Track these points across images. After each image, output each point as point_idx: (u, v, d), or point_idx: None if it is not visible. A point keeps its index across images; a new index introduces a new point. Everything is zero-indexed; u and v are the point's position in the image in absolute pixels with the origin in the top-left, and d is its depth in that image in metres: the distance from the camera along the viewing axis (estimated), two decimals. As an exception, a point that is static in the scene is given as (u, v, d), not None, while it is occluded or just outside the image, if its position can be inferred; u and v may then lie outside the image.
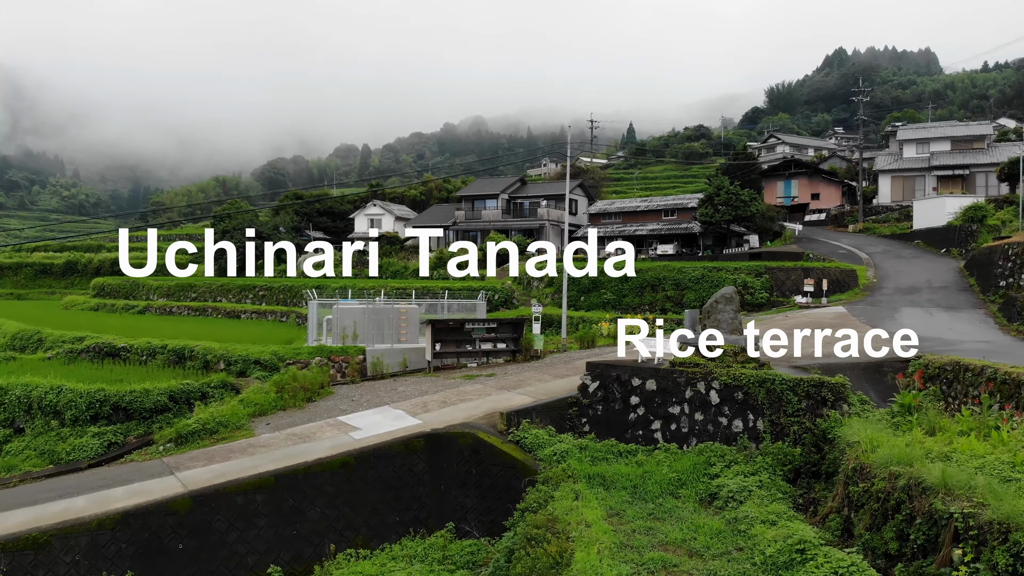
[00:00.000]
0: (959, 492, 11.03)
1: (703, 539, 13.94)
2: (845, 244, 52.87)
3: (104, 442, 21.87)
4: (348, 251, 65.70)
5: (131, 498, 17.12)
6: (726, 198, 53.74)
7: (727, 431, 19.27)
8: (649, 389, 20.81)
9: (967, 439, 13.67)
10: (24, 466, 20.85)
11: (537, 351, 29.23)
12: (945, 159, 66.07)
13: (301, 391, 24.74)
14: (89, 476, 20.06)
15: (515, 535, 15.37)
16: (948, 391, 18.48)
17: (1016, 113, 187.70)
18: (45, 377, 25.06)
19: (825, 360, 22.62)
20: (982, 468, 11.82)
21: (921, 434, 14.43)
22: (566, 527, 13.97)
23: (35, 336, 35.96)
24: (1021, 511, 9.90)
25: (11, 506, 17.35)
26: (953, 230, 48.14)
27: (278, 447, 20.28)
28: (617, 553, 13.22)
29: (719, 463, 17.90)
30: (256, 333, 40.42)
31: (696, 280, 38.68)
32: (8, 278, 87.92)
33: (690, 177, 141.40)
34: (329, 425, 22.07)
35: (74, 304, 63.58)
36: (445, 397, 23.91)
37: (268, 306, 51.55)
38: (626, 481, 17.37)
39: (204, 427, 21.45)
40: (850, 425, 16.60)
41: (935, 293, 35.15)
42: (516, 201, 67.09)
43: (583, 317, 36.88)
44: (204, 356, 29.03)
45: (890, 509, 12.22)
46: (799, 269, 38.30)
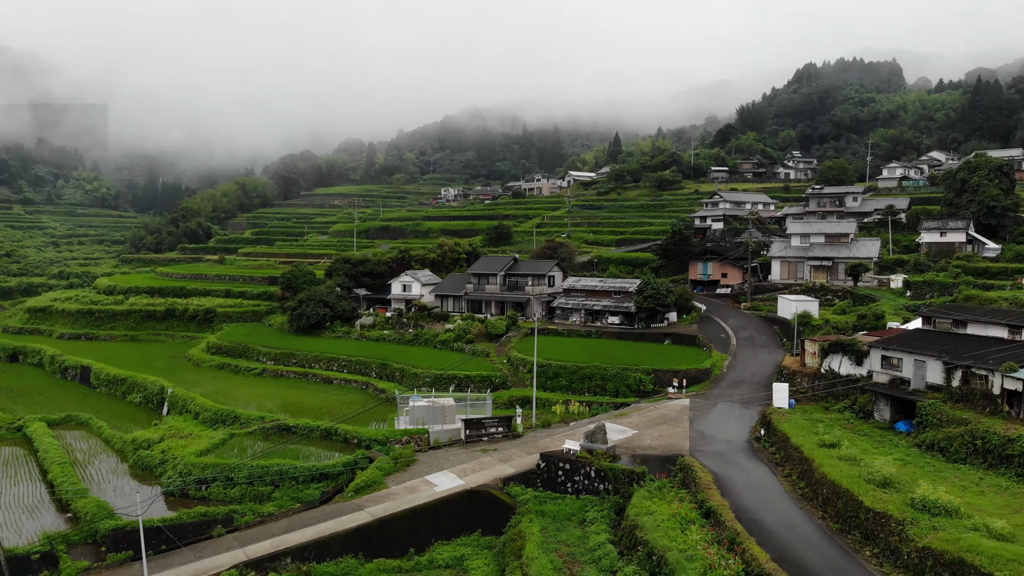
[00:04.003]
0: (643, 527, 37.07)
1: (575, 541, 40.09)
2: (729, 326, 78.40)
3: (319, 491, 47.91)
4: (389, 312, 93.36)
5: (351, 522, 43.24)
6: (651, 292, 79.47)
7: (596, 489, 45.47)
8: (566, 467, 46.99)
9: (664, 504, 39.78)
10: (287, 504, 46.81)
11: (519, 433, 55.37)
12: (818, 251, 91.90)
13: (403, 460, 50.85)
14: (321, 511, 45.98)
15: (506, 536, 41.57)
16: (685, 478, 44.32)
17: (957, 136, 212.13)
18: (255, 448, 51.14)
19: (649, 451, 48.61)
20: (662, 521, 37.80)
21: (654, 504, 40.47)
22: (524, 533, 40.14)
23: (231, 413, 61.78)
24: (674, 544, 36.00)
25: (303, 524, 43.48)
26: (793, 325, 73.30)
27: (401, 496, 46.34)
28: (543, 545, 39.35)
29: (590, 506, 44.05)
30: (352, 400, 66.94)
31: (614, 376, 64.38)
32: (121, 322, 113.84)
33: (660, 206, 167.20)
34: (422, 482, 48.12)
35: (200, 361, 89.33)
36: (473, 466, 49.97)
37: (350, 375, 77.43)
38: (552, 513, 43.56)
39: (366, 483, 47.52)
40: (638, 494, 42.65)
41: (749, 388, 60.41)
42: (511, 278, 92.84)
43: (548, 399, 62.59)
44: (344, 435, 55.14)
45: (633, 541, 38.41)
46: (670, 371, 64.14)
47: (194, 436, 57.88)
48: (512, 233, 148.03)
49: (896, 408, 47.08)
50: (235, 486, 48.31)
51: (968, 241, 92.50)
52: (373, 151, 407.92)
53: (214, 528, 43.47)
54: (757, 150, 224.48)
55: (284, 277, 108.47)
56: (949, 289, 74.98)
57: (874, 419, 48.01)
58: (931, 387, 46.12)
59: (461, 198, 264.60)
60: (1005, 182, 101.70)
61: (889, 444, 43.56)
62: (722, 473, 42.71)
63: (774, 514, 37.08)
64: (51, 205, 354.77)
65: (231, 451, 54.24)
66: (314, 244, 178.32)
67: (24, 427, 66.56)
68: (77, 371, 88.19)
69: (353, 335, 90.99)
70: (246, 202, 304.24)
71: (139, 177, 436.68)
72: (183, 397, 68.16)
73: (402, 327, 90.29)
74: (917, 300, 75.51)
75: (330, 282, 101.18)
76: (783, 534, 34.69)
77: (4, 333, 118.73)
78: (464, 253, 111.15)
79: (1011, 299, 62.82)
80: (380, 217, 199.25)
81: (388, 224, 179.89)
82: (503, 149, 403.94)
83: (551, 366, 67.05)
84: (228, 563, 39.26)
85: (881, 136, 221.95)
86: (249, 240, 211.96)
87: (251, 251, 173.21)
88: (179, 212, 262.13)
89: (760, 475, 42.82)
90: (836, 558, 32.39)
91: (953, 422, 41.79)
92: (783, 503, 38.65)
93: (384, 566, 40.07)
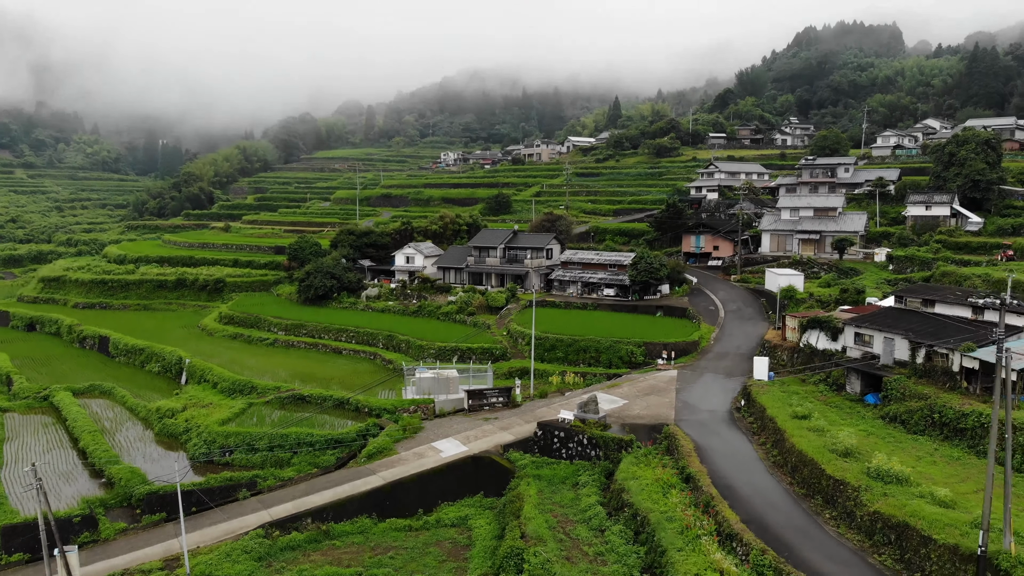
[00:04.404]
0: (629, 490, 41.19)
1: (568, 502, 44.27)
2: (718, 299, 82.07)
3: (335, 456, 52.04)
4: (393, 284, 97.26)
5: (365, 486, 47.41)
6: (645, 266, 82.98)
7: (588, 456, 49.59)
8: (561, 435, 51.06)
9: (648, 470, 43.88)
10: (305, 470, 50.95)
11: (518, 403, 59.38)
12: (807, 224, 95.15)
13: (411, 428, 54.93)
14: (337, 475, 50.10)
15: (506, 498, 45.77)
16: (669, 446, 48.34)
17: (954, 103, 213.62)
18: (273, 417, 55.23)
19: (637, 420, 52.60)
20: (646, 485, 41.89)
21: (639, 469, 44.57)
22: (522, 495, 44.31)
23: (248, 384, 65.77)
24: (648, 494, 40.14)
25: (321, 488, 47.62)
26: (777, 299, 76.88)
27: (410, 461, 50.46)
28: (539, 506, 43.53)
29: (582, 471, 48.20)
30: (361, 370, 71.04)
31: (607, 348, 68.12)
32: (133, 291, 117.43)
33: (658, 173, 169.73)
34: (429, 448, 52.21)
35: (213, 331, 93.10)
36: (475, 433, 54.04)
37: (358, 345, 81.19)
38: (548, 476, 47.73)
39: (377, 450, 51.62)
40: (626, 460, 46.76)
41: (734, 360, 64.20)
42: (510, 250, 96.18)
43: (545, 370, 66.41)
44: (356, 404, 59.19)
45: (620, 503, 42.58)
46: (660, 344, 67.85)
47: (214, 405, 61.95)
48: (512, 202, 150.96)
49: (866, 382, 50.98)
50: (256, 453, 52.41)
51: (952, 215, 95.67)
52: (372, 114, 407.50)
53: (239, 492, 47.68)
54: (755, 116, 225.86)
55: (291, 248, 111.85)
56: (929, 264, 78.55)
57: (846, 391, 51.95)
58: (898, 363, 49.98)
59: (461, 162, 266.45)
60: (992, 155, 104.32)
61: (856, 416, 47.56)
62: (703, 441, 46.76)
63: (747, 480, 41.18)
64: (53, 169, 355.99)
65: (250, 420, 58.34)
66: (317, 211, 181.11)
67: (51, 396, 70.58)
68: (95, 341, 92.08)
69: (359, 306, 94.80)
70: (247, 166, 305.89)
71: (138, 139, 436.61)
72: (201, 367, 72.10)
73: (406, 298, 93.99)
74: (898, 275, 79.13)
75: (335, 253, 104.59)
76: (753, 498, 38.80)
77: (19, 302, 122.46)
78: (465, 225, 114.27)
79: (984, 276, 66.47)
80: (381, 184, 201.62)
81: (389, 192, 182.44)
82: (503, 112, 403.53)
83: (548, 339, 70.84)
84: (254, 523, 43.49)
85: (879, 102, 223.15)
86: (252, 206, 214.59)
87: (255, 218, 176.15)
88: (181, 177, 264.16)
89: (738, 444, 46.89)
90: (798, 519, 36.52)
91: (915, 396, 45.71)
92: (756, 470, 42.75)
93: (396, 525, 44.26)
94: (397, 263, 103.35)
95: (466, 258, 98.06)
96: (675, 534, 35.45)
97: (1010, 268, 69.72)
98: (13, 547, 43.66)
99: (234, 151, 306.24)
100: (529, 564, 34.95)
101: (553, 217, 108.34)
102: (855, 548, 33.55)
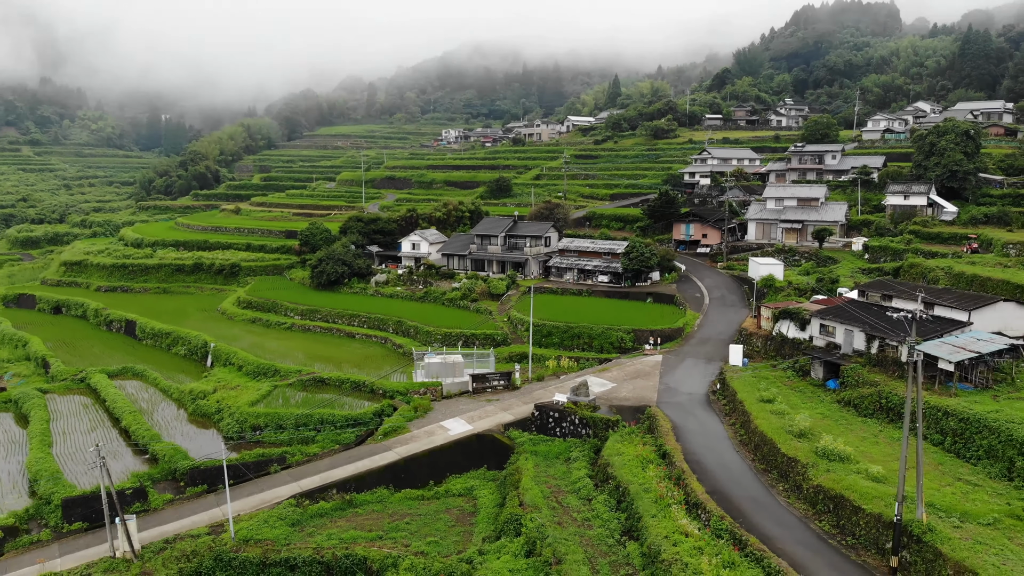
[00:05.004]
0: (613, 465, 47.52)
1: (561, 475, 50.65)
2: (704, 286, 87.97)
3: (354, 434, 58.36)
4: (400, 270, 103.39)
5: (382, 460, 53.79)
6: (637, 255, 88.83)
7: (579, 434, 55.91)
8: (556, 416, 57.34)
9: (631, 447, 50.19)
10: (329, 446, 57.27)
11: (517, 386, 65.60)
12: (790, 214, 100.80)
13: (421, 408, 61.22)
14: (357, 451, 56.41)
15: (506, 471, 52.15)
16: (651, 425, 54.52)
17: (946, 84, 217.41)
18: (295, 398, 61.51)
19: (623, 402, 58.79)
20: (628, 461, 48.21)
21: (623, 446, 50.88)
22: (521, 469, 50.66)
23: (272, 367, 72.01)
24: (625, 463, 46.45)
25: (343, 462, 54.02)
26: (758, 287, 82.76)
27: (423, 438, 56.77)
28: (535, 478, 49.88)
29: (574, 448, 54.54)
30: (373, 353, 77.27)
31: (599, 334, 74.24)
32: (152, 275, 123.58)
33: (655, 155, 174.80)
34: (438, 427, 58.48)
35: (233, 315, 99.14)
36: (479, 414, 60.33)
37: (370, 330, 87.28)
38: (543, 452, 54.10)
39: (392, 428, 57.93)
40: (612, 438, 53.05)
41: (714, 346, 70.06)
42: (510, 238, 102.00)
43: (542, 354, 72.44)
44: (372, 386, 65.44)
45: (605, 476, 48.94)
46: (647, 331, 73.98)
47: (242, 387, 68.22)
48: (512, 185, 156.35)
49: (827, 369, 57.05)
50: (284, 431, 58.75)
51: (929, 204, 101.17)
52: (374, 90, 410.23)
53: (271, 466, 54.01)
54: (751, 96, 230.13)
55: (303, 234, 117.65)
56: (900, 254, 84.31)
57: (810, 377, 58.06)
58: (857, 352, 56.07)
59: (462, 139, 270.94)
60: (971, 146, 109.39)
61: (816, 400, 53.73)
62: (680, 422, 52.99)
63: (715, 457, 47.44)
64: (58, 146, 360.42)
65: (276, 401, 64.64)
66: (323, 192, 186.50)
67: (87, 378, 76.77)
68: (122, 324, 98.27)
69: (369, 291, 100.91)
70: (252, 144, 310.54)
71: (141, 114, 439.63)
72: (225, 351, 78.30)
73: (413, 284, 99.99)
74: (872, 264, 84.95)
75: (345, 239, 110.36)
76: (719, 472, 45.08)
77: (43, 285, 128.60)
78: (467, 212, 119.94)
79: (946, 268, 72.19)
80: (385, 165, 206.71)
81: (393, 174, 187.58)
82: (503, 88, 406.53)
83: (545, 325, 76.91)
84: (286, 494, 49.83)
85: (873, 82, 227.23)
86: (259, 186, 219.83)
87: (263, 200, 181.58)
88: (187, 155, 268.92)
89: (711, 424, 53.13)
90: (756, 491, 42.82)
91: (867, 383, 51.83)
92: (724, 448, 49.00)
93: (410, 495, 50.61)
94: (403, 249, 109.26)
95: (469, 245, 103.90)
96: (650, 503, 41.73)
97: (971, 260, 75.60)
98: (73, 517, 49.87)
99: (239, 129, 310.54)
100: (526, 528, 41.25)
101: (551, 205, 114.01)
102: (800, 516, 39.85)
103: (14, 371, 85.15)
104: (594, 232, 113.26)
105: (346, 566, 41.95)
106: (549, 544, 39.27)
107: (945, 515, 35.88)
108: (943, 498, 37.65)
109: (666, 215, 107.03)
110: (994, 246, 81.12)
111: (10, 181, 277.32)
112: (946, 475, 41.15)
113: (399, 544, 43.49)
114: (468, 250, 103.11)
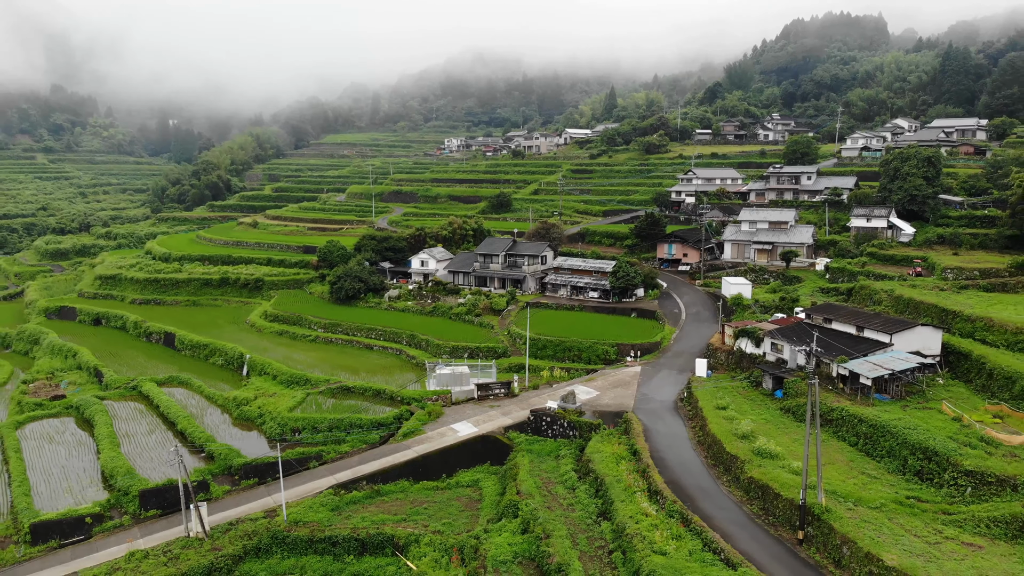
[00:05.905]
0: (593, 461, 58.43)
1: (551, 469, 61.58)
2: (682, 303, 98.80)
3: (379, 436, 69.24)
4: (411, 285, 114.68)
5: (403, 457, 64.79)
6: (623, 274, 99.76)
7: (568, 435, 66.86)
8: (548, 420, 68.30)
9: (609, 446, 61.06)
10: (357, 445, 68.11)
11: (516, 393, 76.54)
12: (762, 236, 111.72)
13: (434, 413, 72.15)
14: (381, 449, 67.33)
15: (506, 466, 63.06)
16: (626, 428, 65.24)
17: (927, 99, 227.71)
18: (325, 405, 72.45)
19: (605, 408, 69.64)
20: (605, 457, 59.12)
21: (603, 445, 61.76)
22: (518, 464, 61.56)
23: (303, 376, 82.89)
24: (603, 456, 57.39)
25: (371, 459, 65.01)
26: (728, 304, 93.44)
27: (436, 439, 67.71)
28: (530, 472, 60.73)
29: (563, 447, 65.48)
30: (390, 364, 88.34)
31: (587, 348, 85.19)
32: (182, 288, 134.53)
33: (646, 170, 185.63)
34: (448, 429, 69.42)
35: (261, 328, 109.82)
36: (483, 418, 71.28)
37: (386, 342, 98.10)
38: (537, 451, 65.05)
39: (410, 430, 68.86)
40: (594, 438, 63.93)
41: (687, 359, 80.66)
42: (510, 257, 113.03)
43: (538, 365, 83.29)
44: (391, 394, 76.39)
45: (587, 470, 59.90)
46: (630, 345, 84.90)
47: (279, 395, 79.14)
48: (512, 200, 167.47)
49: (775, 381, 67.89)
50: (319, 432, 69.67)
51: (888, 227, 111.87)
52: (377, 99, 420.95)
53: (310, 463, 64.90)
54: (741, 110, 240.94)
55: (321, 251, 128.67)
56: (855, 276, 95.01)
57: (761, 388, 68.90)
58: (799, 367, 66.92)
59: (463, 148, 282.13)
60: (931, 171, 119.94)
61: (764, 407, 64.59)
62: (650, 425, 63.86)
63: (676, 454, 58.32)
64: (71, 153, 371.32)
65: (310, 407, 75.55)
66: (334, 206, 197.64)
67: (139, 386, 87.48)
68: (161, 336, 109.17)
69: (383, 305, 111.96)
70: (261, 153, 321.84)
71: (150, 121, 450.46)
72: (260, 362, 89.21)
73: (422, 299, 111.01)
74: (831, 284, 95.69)
75: (360, 256, 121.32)
76: (677, 467, 55.95)
77: (80, 298, 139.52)
78: (471, 230, 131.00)
79: (889, 291, 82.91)
80: (391, 178, 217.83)
81: (400, 188, 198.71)
82: (504, 96, 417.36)
83: (540, 339, 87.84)
84: (325, 485, 60.70)
85: (858, 96, 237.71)
86: (271, 197, 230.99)
87: (278, 214, 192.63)
88: (200, 165, 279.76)
89: (676, 427, 64.00)
90: (705, 482, 53.71)
91: (803, 394, 62.63)
92: (684, 447, 59.88)
93: (427, 485, 61.46)
94: (413, 266, 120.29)
95: (473, 263, 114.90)
96: (620, 491, 52.58)
97: (913, 283, 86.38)
98: (148, 505, 60.46)
99: (248, 139, 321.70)
100: (522, 511, 52.14)
101: (547, 225, 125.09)
102: (736, 501, 50.75)
103: (69, 379, 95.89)
104: (587, 249, 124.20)
105: (378, 542, 52.75)
106: (540, 524, 50.10)
107: (843, 500, 46.72)
108: (845, 487, 48.51)
109: (651, 235, 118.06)
110: (935, 270, 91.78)
111: (29, 190, 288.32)
112: (854, 470, 52.05)
113: (420, 524, 54.36)
114: (472, 267, 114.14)
